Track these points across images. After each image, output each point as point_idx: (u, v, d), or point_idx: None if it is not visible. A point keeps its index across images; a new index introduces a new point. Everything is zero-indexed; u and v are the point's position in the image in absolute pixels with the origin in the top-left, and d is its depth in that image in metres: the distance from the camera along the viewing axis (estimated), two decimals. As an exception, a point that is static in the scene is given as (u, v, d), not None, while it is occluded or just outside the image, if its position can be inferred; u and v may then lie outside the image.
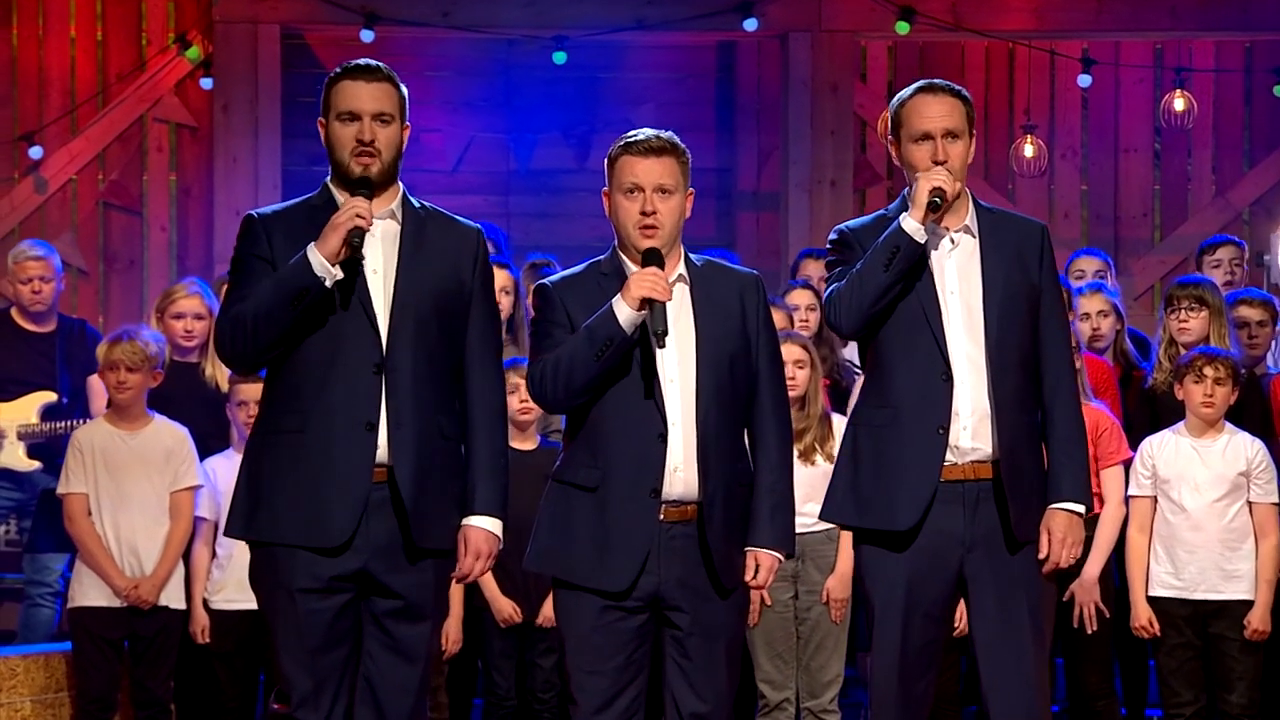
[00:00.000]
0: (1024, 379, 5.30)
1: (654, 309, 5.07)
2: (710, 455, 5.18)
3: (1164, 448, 7.18)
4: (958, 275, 5.30)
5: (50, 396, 8.71)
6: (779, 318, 6.84)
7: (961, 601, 5.40)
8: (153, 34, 10.88)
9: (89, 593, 7.42)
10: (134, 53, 10.83)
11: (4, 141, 10.74)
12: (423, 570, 5.10)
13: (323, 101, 5.15)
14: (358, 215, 4.96)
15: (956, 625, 6.18)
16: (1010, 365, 5.27)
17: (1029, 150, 11.27)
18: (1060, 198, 11.79)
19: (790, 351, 6.91)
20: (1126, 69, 11.65)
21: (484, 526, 5.15)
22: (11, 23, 10.82)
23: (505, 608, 7.31)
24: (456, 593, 7.17)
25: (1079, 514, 5.31)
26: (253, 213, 5.15)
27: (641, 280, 5.06)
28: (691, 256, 5.33)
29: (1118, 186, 11.76)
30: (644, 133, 5.21)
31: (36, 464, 8.65)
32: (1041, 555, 5.29)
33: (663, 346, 5.10)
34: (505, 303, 7.79)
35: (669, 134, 5.22)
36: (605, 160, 5.23)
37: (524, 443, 7.25)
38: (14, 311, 8.88)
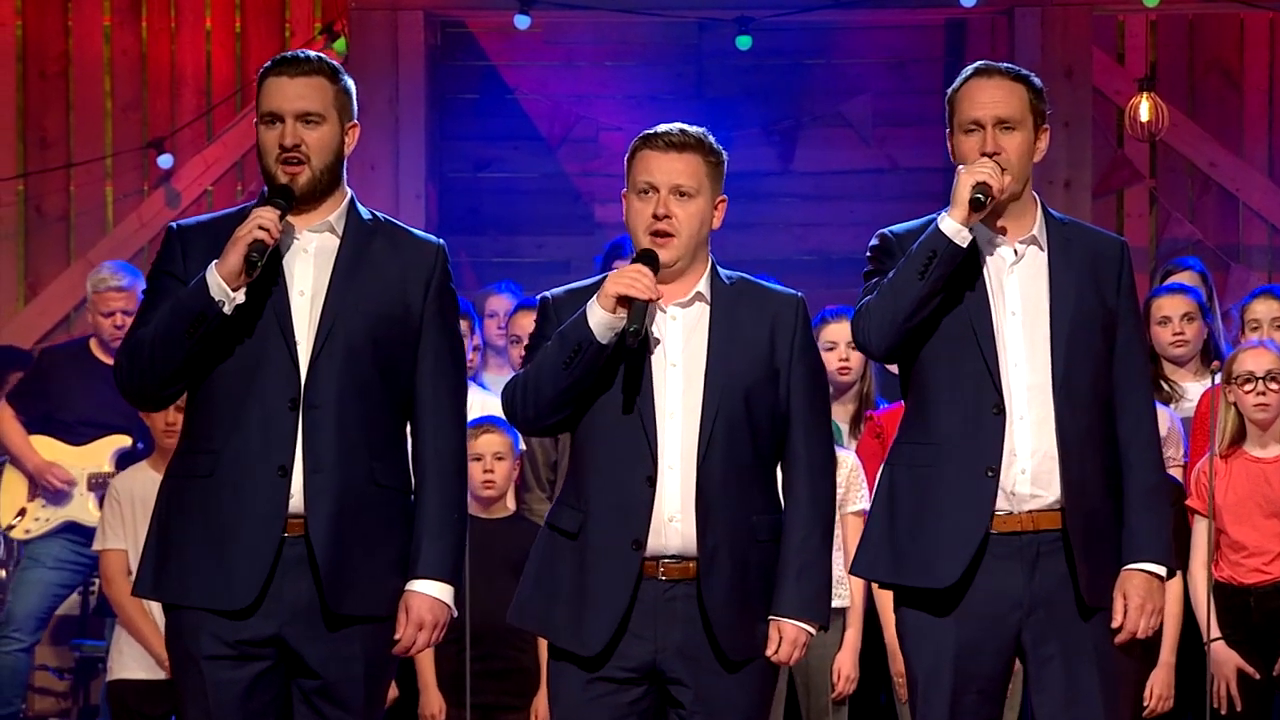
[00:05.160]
0: (1097, 417, 4.85)
1: (633, 307, 4.58)
2: (713, 504, 4.67)
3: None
4: (1021, 294, 4.84)
5: (124, 441, 8.31)
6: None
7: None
8: (296, 25, 10.05)
9: (128, 664, 7.05)
10: (276, 46, 9.86)
11: (132, 149, 9.96)
12: (345, 641, 4.60)
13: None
14: (259, 227, 4.49)
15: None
16: (1081, 400, 4.81)
17: (1302, 143, 9.88)
18: (1365, 203, 10.28)
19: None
20: None
21: (427, 592, 4.64)
22: (140, 15, 9.99)
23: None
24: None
25: (1160, 577, 4.85)
26: (173, 224, 4.74)
27: (620, 276, 4.60)
28: (724, 273, 4.83)
29: None
30: (669, 126, 4.75)
31: None
32: (1116, 624, 4.82)
33: (631, 347, 4.61)
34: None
35: (700, 129, 4.77)
36: (625, 156, 4.79)
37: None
38: (93, 343, 8.40)
